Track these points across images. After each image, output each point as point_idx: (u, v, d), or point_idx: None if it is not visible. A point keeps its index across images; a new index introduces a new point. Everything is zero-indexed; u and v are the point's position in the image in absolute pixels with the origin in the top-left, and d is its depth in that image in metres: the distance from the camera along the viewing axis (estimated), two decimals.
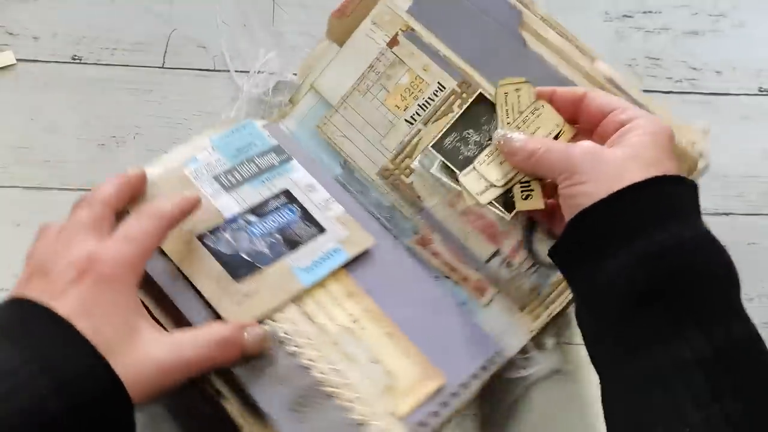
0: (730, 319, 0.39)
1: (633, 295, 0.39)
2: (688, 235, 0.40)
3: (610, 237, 0.41)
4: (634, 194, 0.41)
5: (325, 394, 0.49)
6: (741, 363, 0.37)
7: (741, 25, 0.71)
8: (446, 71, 0.60)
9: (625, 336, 0.40)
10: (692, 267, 0.39)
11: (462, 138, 0.51)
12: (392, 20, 0.61)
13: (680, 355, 0.37)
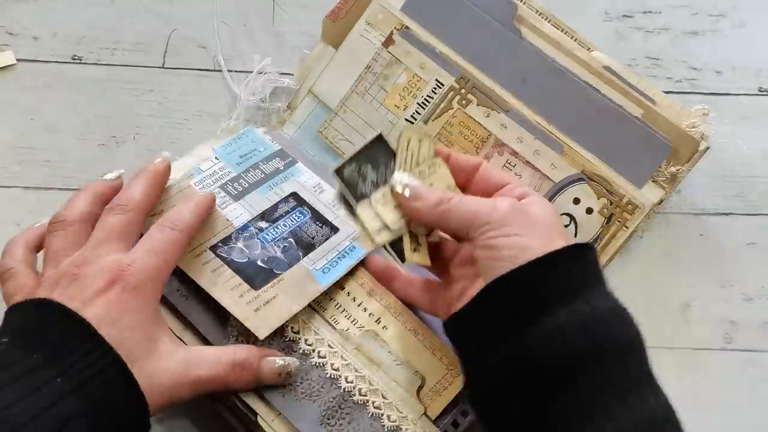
0: (647, 392, 0.38)
1: (574, 359, 0.38)
2: (612, 304, 0.40)
3: (552, 295, 0.39)
4: (569, 256, 0.40)
5: (354, 404, 0.49)
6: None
7: (741, 25, 0.71)
8: (443, 68, 0.60)
9: (546, 411, 0.38)
10: (616, 337, 0.39)
11: (360, 172, 0.49)
12: (386, 19, 0.61)
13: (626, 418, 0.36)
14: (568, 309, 0.38)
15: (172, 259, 0.45)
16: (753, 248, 0.65)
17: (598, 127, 0.58)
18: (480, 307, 0.41)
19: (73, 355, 0.38)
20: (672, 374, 0.62)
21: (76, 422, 0.37)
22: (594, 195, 0.58)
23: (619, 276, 0.64)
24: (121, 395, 0.39)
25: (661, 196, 0.57)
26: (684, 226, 0.65)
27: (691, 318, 0.63)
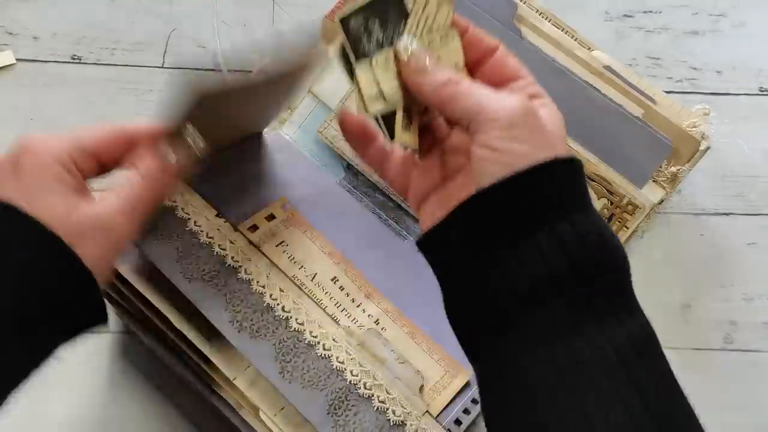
0: (626, 315, 0.36)
1: (561, 270, 0.35)
2: (595, 226, 0.37)
3: (548, 207, 0.36)
4: (568, 168, 0.37)
5: (360, 397, 0.49)
6: (640, 360, 0.35)
7: (741, 25, 0.71)
8: None
9: (517, 330, 0.36)
10: (597, 260, 0.36)
11: (367, 27, 0.41)
12: None
13: (582, 355, 0.35)
14: (551, 229, 0.36)
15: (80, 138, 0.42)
16: (753, 248, 0.65)
17: (598, 126, 0.58)
18: (461, 222, 0.38)
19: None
20: None
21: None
22: (594, 195, 0.58)
23: None
24: (31, 239, 0.37)
25: (661, 196, 0.57)
26: (684, 226, 0.65)
27: (691, 318, 0.63)
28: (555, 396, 0.35)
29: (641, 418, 0.34)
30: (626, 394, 0.34)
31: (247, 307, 0.51)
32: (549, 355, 0.35)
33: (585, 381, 0.34)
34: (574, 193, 0.37)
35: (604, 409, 0.34)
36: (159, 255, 0.51)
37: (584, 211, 0.37)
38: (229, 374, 0.50)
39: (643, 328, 0.37)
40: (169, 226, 0.52)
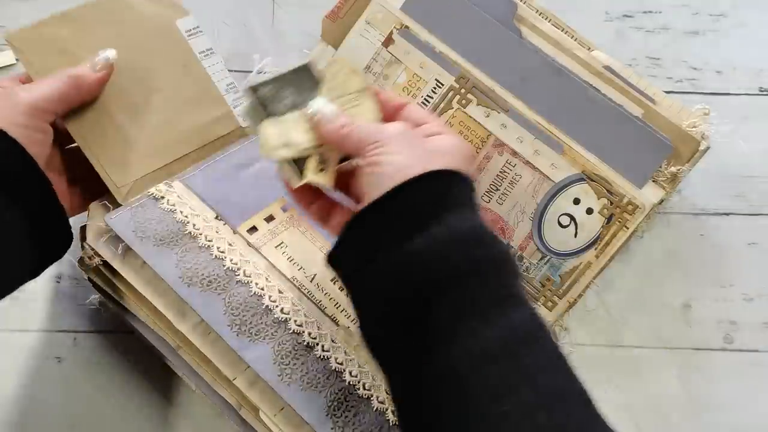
0: (510, 307, 0.38)
1: (438, 269, 0.38)
2: (471, 225, 0.40)
3: (413, 219, 0.39)
4: (437, 180, 0.41)
5: (359, 398, 0.49)
6: (527, 348, 0.37)
7: (741, 25, 0.71)
8: (443, 67, 0.60)
9: (417, 334, 0.39)
10: (475, 258, 0.39)
11: (279, 93, 0.48)
12: (386, 18, 0.61)
13: (470, 350, 0.37)
14: (426, 233, 0.39)
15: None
16: (753, 248, 0.65)
17: (598, 126, 0.58)
18: (349, 236, 0.42)
19: None
20: (672, 374, 0.62)
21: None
22: (594, 195, 0.58)
23: (619, 276, 0.64)
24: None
25: (661, 196, 0.57)
26: (684, 226, 0.65)
27: (691, 318, 0.63)
28: (450, 395, 0.37)
29: (531, 404, 0.35)
30: (515, 383, 0.36)
31: (245, 310, 0.51)
32: (442, 357, 0.37)
33: (476, 377, 0.36)
34: (447, 200, 0.40)
35: (497, 401, 0.35)
36: (158, 260, 0.51)
37: (459, 214, 0.40)
38: (229, 374, 0.50)
39: (528, 318, 0.38)
40: (168, 230, 0.52)
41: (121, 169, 0.52)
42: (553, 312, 0.58)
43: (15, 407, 0.59)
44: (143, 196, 0.53)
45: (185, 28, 0.58)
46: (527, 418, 0.35)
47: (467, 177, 0.42)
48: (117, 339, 0.61)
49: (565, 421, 0.35)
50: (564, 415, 0.35)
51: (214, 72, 0.58)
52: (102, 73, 0.51)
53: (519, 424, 0.35)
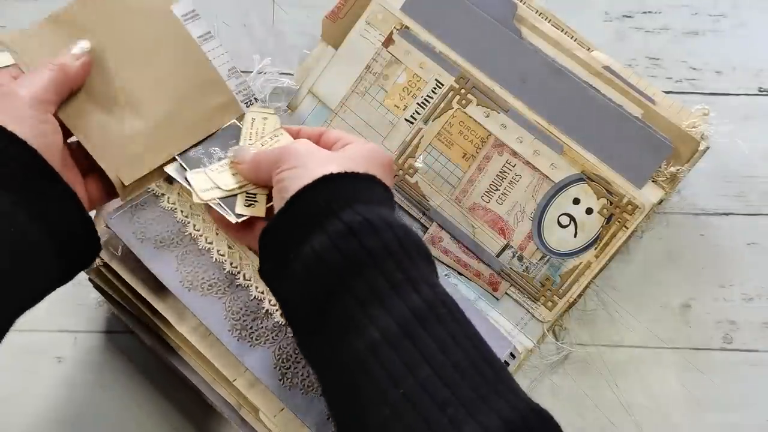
0: (408, 290, 0.39)
1: (338, 263, 0.40)
2: (365, 217, 0.41)
3: (311, 219, 0.41)
4: (330, 181, 0.42)
5: None
6: (424, 329, 0.38)
7: (741, 25, 0.71)
8: (443, 67, 0.60)
9: (323, 329, 0.40)
10: (369, 247, 0.40)
11: (207, 152, 0.53)
12: (386, 19, 0.61)
13: (371, 337, 0.37)
14: (319, 233, 0.40)
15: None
16: (753, 248, 0.65)
17: (598, 127, 0.58)
18: (262, 251, 0.44)
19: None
20: (672, 374, 0.62)
21: (14, 212, 0.41)
22: (594, 195, 0.58)
23: (619, 276, 0.64)
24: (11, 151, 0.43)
25: (661, 196, 0.57)
26: (684, 226, 0.65)
27: (691, 318, 0.63)
28: (353, 384, 0.38)
29: (429, 383, 0.36)
30: (414, 364, 0.36)
31: (246, 315, 0.51)
32: (345, 348, 0.38)
33: (377, 363, 0.37)
34: (339, 198, 0.42)
35: (396, 384, 0.36)
36: (158, 263, 0.51)
37: (351, 208, 0.41)
38: (229, 376, 0.50)
39: (427, 297, 0.39)
40: (168, 231, 0.52)
41: (124, 165, 0.51)
42: (553, 312, 0.58)
43: (15, 407, 0.60)
44: (143, 193, 0.53)
45: (181, 13, 0.56)
46: (426, 395, 0.35)
47: (366, 175, 0.44)
48: (117, 339, 0.61)
49: (469, 394, 0.35)
50: (465, 387, 0.36)
51: (214, 57, 0.56)
52: (83, 60, 0.50)
53: (418, 405, 0.35)
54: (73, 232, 0.45)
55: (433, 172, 0.60)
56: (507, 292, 0.59)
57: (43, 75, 0.48)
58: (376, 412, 0.36)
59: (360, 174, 0.43)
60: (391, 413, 0.35)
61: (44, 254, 0.43)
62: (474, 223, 0.60)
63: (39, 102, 0.46)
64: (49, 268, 0.45)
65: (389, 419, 0.35)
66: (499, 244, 0.59)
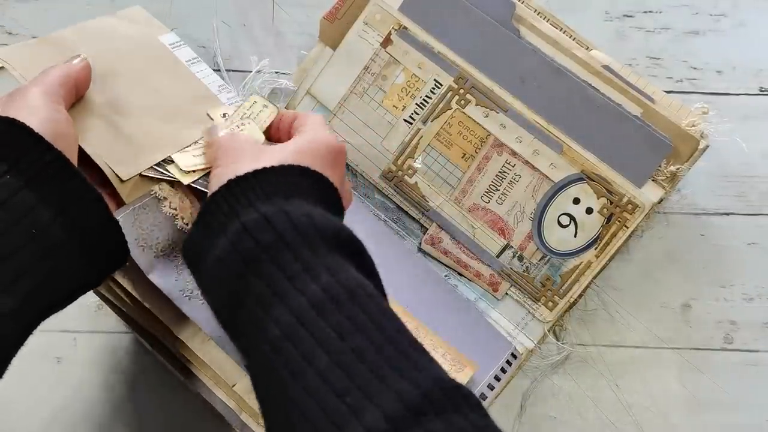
0: (309, 281, 0.38)
1: (237, 265, 0.39)
2: (277, 208, 0.41)
3: (217, 225, 0.41)
4: (240, 182, 0.42)
5: None
6: (323, 318, 0.37)
7: (741, 25, 0.71)
8: (442, 67, 0.60)
9: (237, 335, 0.40)
10: (264, 242, 0.39)
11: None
12: (384, 19, 0.61)
13: (272, 334, 0.37)
14: (224, 235, 0.40)
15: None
16: (753, 248, 0.65)
17: (597, 126, 0.58)
18: (189, 234, 0.44)
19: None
20: (672, 374, 0.62)
21: (37, 211, 0.41)
22: (594, 195, 0.58)
23: (619, 276, 0.64)
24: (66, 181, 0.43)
25: (661, 195, 0.57)
26: (684, 226, 0.65)
27: (691, 318, 0.63)
28: (260, 382, 0.38)
29: (328, 370, 0.35)
30: (312, 354, 0.36)
31: None
32: (255, 348, 0.38)
33: (279, 358, 0.37)
34: (246, 197, 0.42)
35: (295, 377, 0.36)
36: (158, 273, 0.51)
37: (253, 207, 0.41)
38: (229, 381, 0.50)
39: (327, 285, 0.38)
40: (170, 238, 0.52)
41: (123, 162, 0.52)
42: (554, 312, 0.58)
43: (15, 407, 0.60)
44: (146, 195, 0.53)
45: (169, 42, 0.59)
46: (325, 385, 0.35)
47: (291, 168, 0.44)
48: (117, 339, 0.62)
49: (368, 378, 0.35)
50: (364, 372, 0.35)
51: (203, 77, 0.58)
52: (84, 62, 0.51)
53: (317, 397, 0.35)
54: (96, 229, 0.45)
55: (433, 172, 0.60)
56: (507, 293, 0.59)
57: (51, 73, 0.48)
58: (281, 410, 0.36)
59: (279, 168, 0.43)
60: (293, 409, 0.35)
61: (66, 250, 0.43)
62: (474, 223, 0.60)
63: (50, 96, 0.46)
64: (75, 269, 0.44)
65: (292, 416, 0.35)
66: (499, 244, 0.59)
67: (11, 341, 0.41)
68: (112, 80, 0.54)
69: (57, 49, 0.54)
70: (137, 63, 0.56)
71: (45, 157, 0.43)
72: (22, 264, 0.41)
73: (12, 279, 0.40)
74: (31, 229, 0.41)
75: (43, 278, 0.42)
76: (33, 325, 0.43)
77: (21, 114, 0.43)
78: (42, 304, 0.43)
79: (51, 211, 0.42)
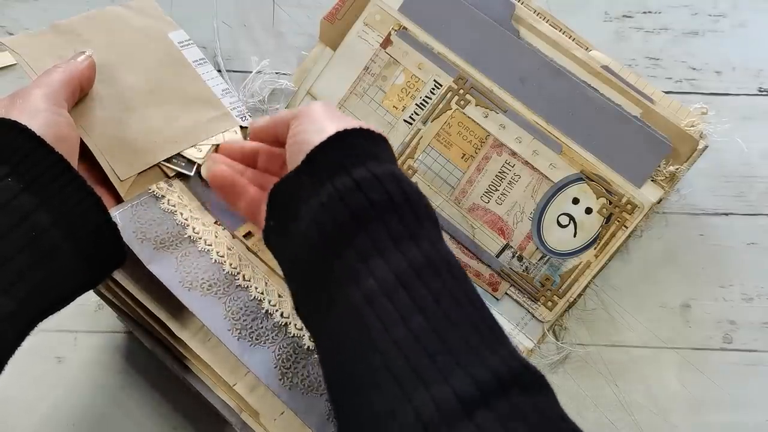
0: (412, 245, 0.39)
1: (342, 215, 0.39)
2: (373, 173, 0.41)
3: (322, 175, 0.41)
4: (344, 138, 0.42)
5: None
6: (422, 281, 0.38)
7: (741, 25, 0.71)
8: (441, 68, 0.60)
9: (324, 283, 0.40)
10: (374, 200, 0.40)
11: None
12: (384, 20, 0.61)
13: (368, 287, 0.37)
14: (332, 186, 0.40)
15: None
16: (753, 248, 0.65)
17: (596, 126, 0.58)
18: (271, 205, 0.43)
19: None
20: (672, 374, 0.62)
21: (37, 215, 0.42)
22: (593, 195, 0.58)
23: (619, 276, 0.64)
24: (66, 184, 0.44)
25: (660, 195, 0.57)
26: (684, 226, 0.65)
27: (691, 318, 0.63)
28: (349, 332, 0.38)
29: (422, 330, 0.36)
30: (408, 311, 0.36)
31: (246, 315, 0.51)
32: (344, 300, 0.38)
33: (370, 311, 0.37)
34: (354, 154, 0.41)
35: (388, 330, 0.36)
36: (157, 264, 0.51)
37: (364, 166, 0.41)
38: (229, 380, 0.50)
39: (428, 253, 0.39)
40: (168, 233, 0.52)
41: (123, 161, 0.52)
42: (553, 312, 0.58)
43: (15, 407, 0.60)
44: (144, 193, 0.53)
45: (177, 40, 0.59)
46: (417, 343, 0.35)
47: (375, 133, 0.43)
48: (117, 339, 0.62)
49: (461, 345, 0.35)
50: (456, 339, 0.35)
51: (208, 79, 0.58)
52: (89, 61, 0.51)
53: (408, 353, 0.35)
54: (94, 232, 0.45)
55: (432, 172, 0.60)
56: (507, 293, 0.59)
57: (54, 75, 0.48)
58: (367, 361, 0.36)
59: (373, 132, 0.43)
60: (381, 361, 0.35)
61: (65, 253, 0.43)
62: (473, 223, 0.60)
63: (52, 98, 0.47)
64: (73, 271, 0.44)
65: (379, 368, 0.35)
66: (498, 244, 0.59)
67: (10, 342, 0.41)
68: (119, 73, 0.54)
69: (66, 38, 0.54)
70: (146, 58, 0.56)
71: (45, 161, 0.43)
72: (21, 266, 0.41)
73: (11, 281, 0.41)
74: (30, 232, 0.41)
75: (41, 280, 0.42)
76: (31, 326, 0.43)
77: (23, 117, 0.44)
78: (40, 305, 0.43)
79: (50, 215, 0.42)
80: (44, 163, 0.43)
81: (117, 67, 0.54)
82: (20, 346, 0.42)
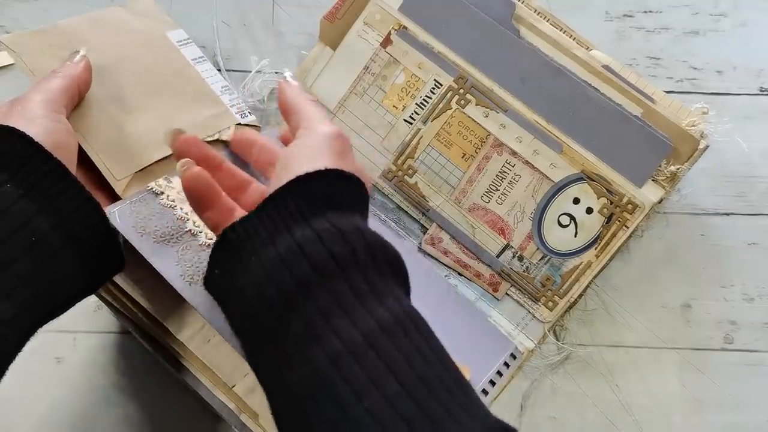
0: (376, 303, 0.37)
1: (303, 270, 0.37)
2: (330, 225, 0.39)
3: (296, 211, 0.39)
4: (307, 182, 0.40)
5: None
6: (391, 341, 0.36)
7: (742, 25, 0.71)
8: (442, 67, 0.60)
9: (279, 338, 0.37)
10: (336, 254, 0.38)
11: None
12: (384, 19, 0.61)
13: (334, 348, 0.35)
14: (309, 227, 0.38)
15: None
16: (753, 248, 0.65)
17: (597, 126, 0.58)
18: (218, 247, 0.41)
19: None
20: (672, 374, 0.62)
21: (37, 221, 0.42)
22: (594, 194, 0.58)
23: (619, 276, 0.64)
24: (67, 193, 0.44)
25: (661, 195, 0.57)
26: (684, 225, 0.65)
27: (691, 318, 0.63)
28: (314, 398, 0.35)
29: (395, 396, 0.34)
30: (380, 376, 0.34)
31: None
32: (304, 360, 0.36)
33: (339, 376, 0.35)
34: (316, 202, 0.40)
35: (360, 398, 0.34)
36: (158, 257, 0.51)
37: (324, 216, 0.39)
38: (228, 382, 0.50)
39: (395, 310, 0.37)
40: (168, 227, 0.52)
41: (120, 162, 0.52)
42: (554, 312, 0.58)
43: (15, 407, 0.60)
44: (143, 191, 0.53)
45: (176, 39, 0.59)
46: (392, 410, 0.33)
47: (345, 174, 0.41)
48: (117, 339, 0.61)
49: (437, 410, 0.34)
50: (432, 403, 0.34)
51: (207, 77, 0.59)
52: (84, 62, 0.51)
53: (383, 421, 0.33)
54: (93, 237, 0.45)
55: (432, 172, 0.60)
56: (507, 293, 0.59)
57: (53, 81, 0.48)
58: (331, 429, 0.34)
59: (341, 173, 0.41)
60: (351, 429, 0.33)
61: (64, 258, 0.43)
62: (474, 223, 0.60)
63: (51, 105, 0.47)
64: (73, 276, 0.44)
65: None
66: (499, 244, 0.59)
67: (11, 347, 0.41)
68: (117, 75, 0.54)
69: (64, 38, 0.54)
70: (144, 59, 0.56)
71: (44, 167, 0.43)
72: (22, 272, 0.41)
73: (12, 286, 0.41)
74: (30, 237, 0.41)
75: (42, 286, 0.42)
76: (32, 331, 0.43)
77: (21, 123, 0.44)
78: (41, 310, 0.43)
79: (50, 220, 0.42)
80: (43, 169, 0.43)
81: (115, 70, 0.54)
82: (21, 350, 0.42)
